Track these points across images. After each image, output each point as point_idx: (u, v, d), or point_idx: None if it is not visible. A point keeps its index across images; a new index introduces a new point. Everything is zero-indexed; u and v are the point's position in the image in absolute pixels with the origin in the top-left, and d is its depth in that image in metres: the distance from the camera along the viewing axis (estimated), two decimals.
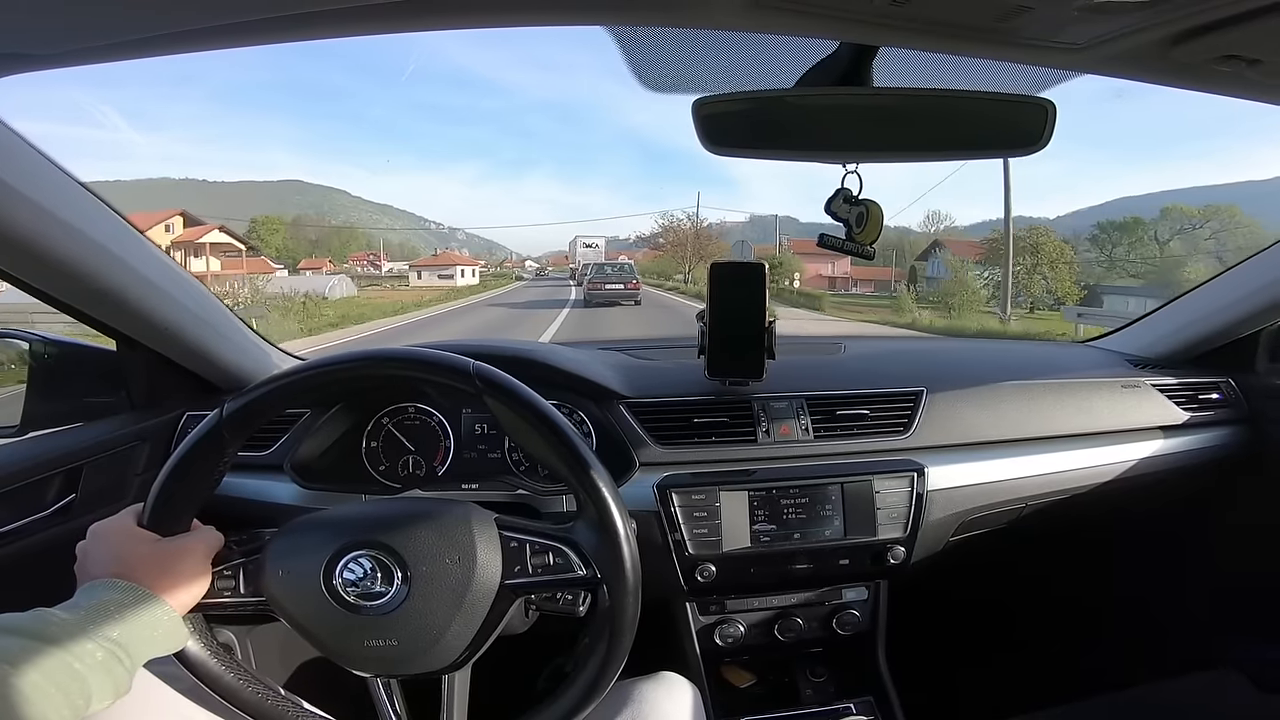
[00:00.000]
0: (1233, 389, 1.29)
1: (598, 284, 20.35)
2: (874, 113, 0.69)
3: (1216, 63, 0.59)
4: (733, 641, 1.09)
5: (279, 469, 1.02)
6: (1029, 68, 0.66)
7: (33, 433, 0.95)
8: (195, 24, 0.53)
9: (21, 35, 0.54)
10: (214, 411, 0.69)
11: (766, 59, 0.70)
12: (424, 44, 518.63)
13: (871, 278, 41.73)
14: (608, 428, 1.05)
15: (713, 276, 1.05)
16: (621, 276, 20.83)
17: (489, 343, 1.18)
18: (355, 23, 0.57)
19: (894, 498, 1.04)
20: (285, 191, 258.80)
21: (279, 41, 0.59)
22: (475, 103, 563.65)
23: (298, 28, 0.56)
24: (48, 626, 0.52)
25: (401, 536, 0.67)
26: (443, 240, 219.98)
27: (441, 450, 1.08)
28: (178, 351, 1.02)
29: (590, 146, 40.74)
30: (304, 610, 0.67)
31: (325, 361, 0.73)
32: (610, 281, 20.50)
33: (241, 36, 0.57)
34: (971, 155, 0.71)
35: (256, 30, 0.56)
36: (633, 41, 0.67)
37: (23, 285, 0.82)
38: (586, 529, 0.69)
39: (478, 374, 0.69)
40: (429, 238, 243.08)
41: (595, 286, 20.22)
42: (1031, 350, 1.69)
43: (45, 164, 0.75)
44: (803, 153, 0.72)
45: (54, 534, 0.90)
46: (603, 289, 20.06)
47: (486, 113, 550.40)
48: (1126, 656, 1.40)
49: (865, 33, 0.61)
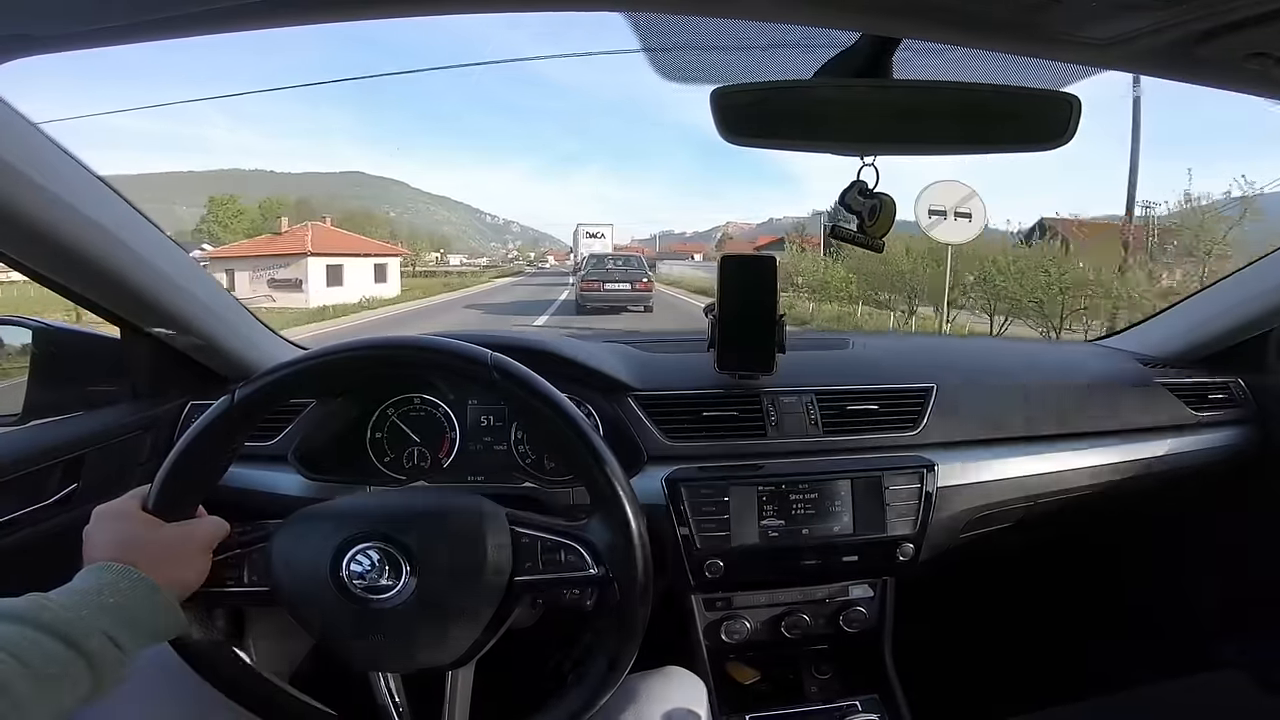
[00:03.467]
0: (1242, 389, 1.29)
1: (594, 284, 14.31)
2: (893, 105, 0.68)
3: (1243, 60, 0.59)
4: (739, 637, 1.09)
5: (283, 459, 1.02)
6: (1049, 63, 0.65)
7: (34, 421, 0.94)
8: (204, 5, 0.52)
9: (26, 16, 0.53)
10: (225, 397, 0.68)
11: (786, 49, 0.69)
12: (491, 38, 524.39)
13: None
14: (616, 420, 1.04)
15: (723, 269, 1.04)
16: (628, 273, 14.65)
17: (496, 333, 1.17)
18: (369, 5, 0.56)
19: (903, 494, 1.03)
20: (345, 183, 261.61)
21: (290, 24, 0.57)
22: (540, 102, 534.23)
23: (310, 10, 0.55)
24: (42, 612, 0.51)
25: (411, 529, 0.66)
26: (497, 232, 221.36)
27: (447, 442, 1.07)
28: (184, 339, 1.01)
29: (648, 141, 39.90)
30: (308, 602, 0.67)
31: (339, 348, 0.72)
32: (612, 280, 14.39)
33: (250, 20, 0.55)
34: (992, 149, 0.70)
35: (266, 13, 0.55)
36: (651, 30, 0.66)
37: (28, 271, 0.81)
38: (600, 527, 0.68)
39: (495, 365, 0.68)
40: (484, 229, 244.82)
41: (591, 286, 14.26)
42: (1040, 349, 1.69)
43: (52, 148, 0.74)
44: (821, 143, 0.70)
45: (56, 523, 0.90)
46: (600, 290, 14.13)
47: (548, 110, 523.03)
48: (1133, 655, 1.40)
49: (887, 24, 0.60)
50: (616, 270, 14.97)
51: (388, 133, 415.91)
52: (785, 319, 1.04)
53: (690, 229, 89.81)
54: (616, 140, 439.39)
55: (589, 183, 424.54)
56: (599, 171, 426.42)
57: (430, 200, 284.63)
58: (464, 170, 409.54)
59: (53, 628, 0.50)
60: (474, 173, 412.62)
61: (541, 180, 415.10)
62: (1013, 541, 1.17)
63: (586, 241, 36.92)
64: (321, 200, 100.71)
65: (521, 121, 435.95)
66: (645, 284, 14.46)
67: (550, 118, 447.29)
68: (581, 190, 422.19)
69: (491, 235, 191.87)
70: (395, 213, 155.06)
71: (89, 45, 0.56)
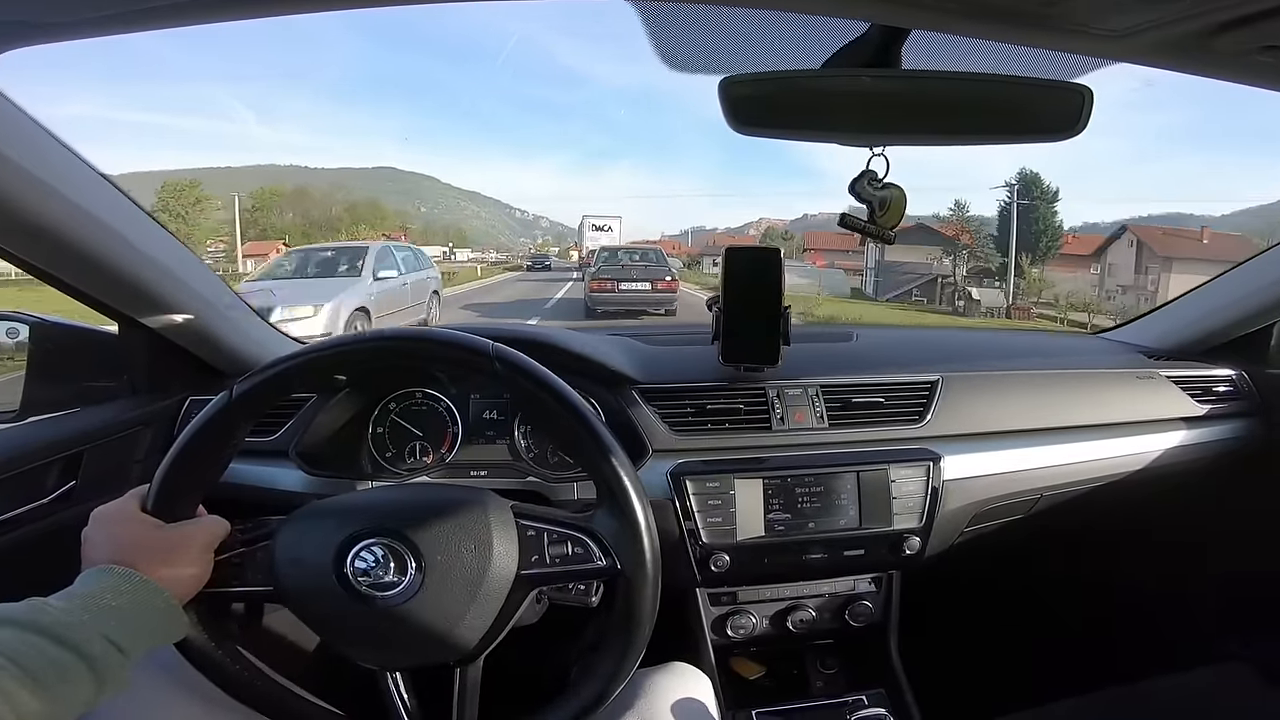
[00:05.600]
0: (1246, 382, 1.28)
1: (606, 283, 11.28)
2: (903, 95, 0.68)
3: (1257, 53, 0.58)
4: (744, 632, 1.08)
5: (284, 455, 1.01)
6: (1060, 54, 0.64)
7: (33, 417, 0.93)
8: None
9: (27, 3, 0.51)
10: (223, 393, 0.67)
11: (794, 39, 0.68)
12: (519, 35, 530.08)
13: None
14: (620, 413, 1.03)
15: (727, 261, 1.03)
16: (649, 271, 11.59)
17: (499, 325, 1.16)
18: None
19: (909, 487, 1.03)
20: (378, 178, 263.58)
21: (292, 12, 0.56)
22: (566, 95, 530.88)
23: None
24: (42, 616, 0.51)
25: (415, 524, 0.66)
26: (526, 228, 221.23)
27: (449, 437, 1.07)
28: (182, 334, 1.00)
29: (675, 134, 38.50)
30: (313, 600, 0.66)
31: (338, 341, 0.71)
32: (628, 279, 11.33)
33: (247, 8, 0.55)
34: (1003, 140, 0.69)
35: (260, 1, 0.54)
36: (658, 20, 0.65)
37: (25, 265, 0.80)
38: (607, 518, 0.68)
39: (498, 355, 0.68)
40: (514, 225, 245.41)
41: (603, 286, 11.24)
42: (1045, 341, 1.68)
43: (50, 141, 0.73)
44: (830, 134, 0.70)
45: (55, 520, 0.89)
46: (615, 291, 11.18)
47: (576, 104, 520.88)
48: (1137, 649, 1.40)
49: (898, 14, 0.59)
50: (635, 266, 11.87)
51: (417, 128, 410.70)
52: (790, 311, 1.03)
53: (722, 225, 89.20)
54: (645, 134, 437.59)
55: (619, 178, 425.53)
56: (629, 166, 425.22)
57: (461, 195, 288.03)
58: (495, 166, 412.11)
59: (53, 632, 0.50)
60: (505, 168, 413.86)
61: (571, 175, 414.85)
62: (1018, 535, 1.16)
63: (593, 234, 32.33)
64: (324, 190, 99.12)
65: (553, 117, 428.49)
66: (668, 283, 11.48)
67: (576, 112, 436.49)
68: (611, 185, 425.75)
69: (521, 231, 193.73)
70: (425, 208, 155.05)
71: (91, 34, 0.55)
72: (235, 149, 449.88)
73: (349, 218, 65.76)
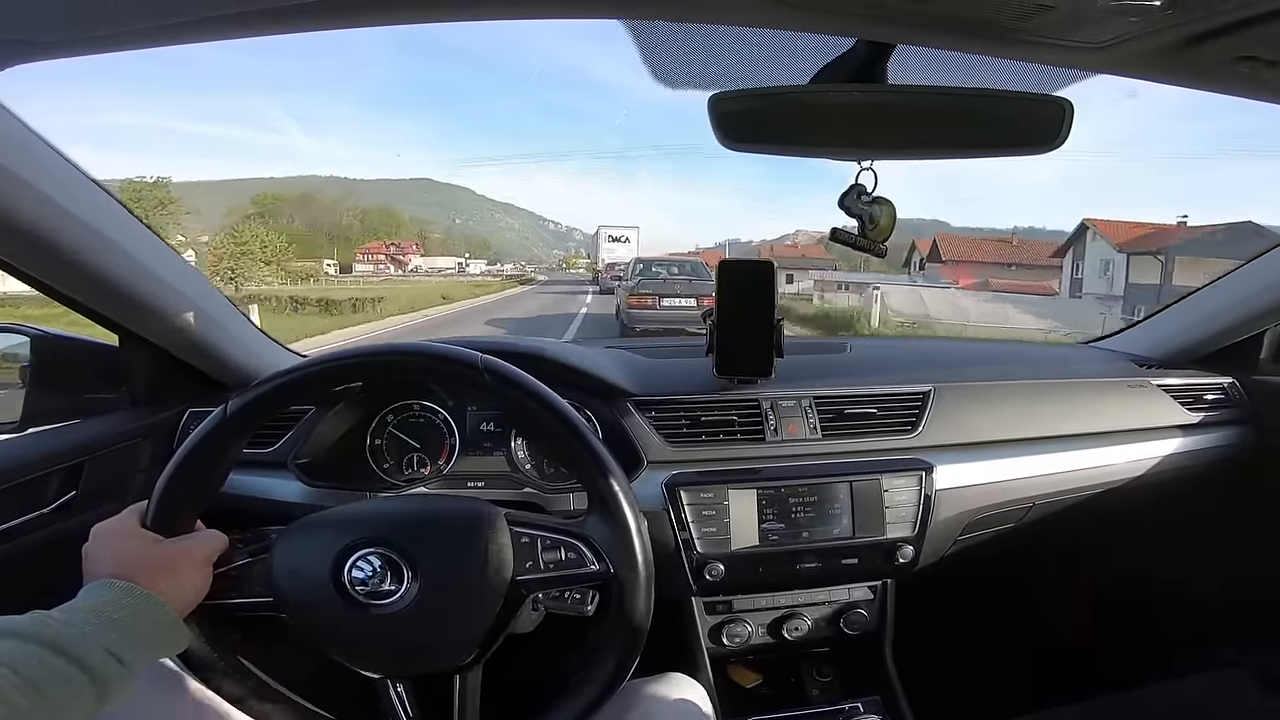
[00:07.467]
0: (1237, 390, 1.30)
1: (646, 298, 9.75)
2: (889, 110, 0.69)
3: (1234, 63, 0.59)
4: (740, 641, 1.09)
5: (283, 466, 1.02)
6: (1041, 67, 0.66)
7: (33, 429, 0.94)
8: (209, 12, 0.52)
9: (28, 21, 0.53)
10: (218, 409, 0.68)
11: (782, 55, 0.69)
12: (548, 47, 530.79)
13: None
14: (615, 425, 1.04)
15: (721, 274, 1.04)
16: (692, 286, 9.98)
17: (496, 340, 1.17)
18: (370, 12, 0.56)
19: (902, 497, 1.04)
20: (415, 189, 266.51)
21: (294, 31, 0.58)
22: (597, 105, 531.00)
23: (312, 17, 0.56)
24: (44, 628, 0.51)
25: (410, 534, 0.67)
26: (560, 239, 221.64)
27: (446, 448, 1.07)
28: (183, 347, 1.01)
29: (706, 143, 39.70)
30: (312, 610, 0.67)
31: (331, 356, 0.72)
32: (670, 294, 9.77)
33: (254, 26, 0.56)
34: (986, 153, 0.71)
35: (270, 20, 0.55)
36: (648, 36, 0.67)
37: (26, 278, 0.81)
38: (599, 523, 0.69)
39: (486, 367, 0.69)
40: (547, 236, 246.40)
41: (642, 303, 9.70)
42: (1037, 350, 1.69)
43: (51, 155, 0.74)
44: (818, 149, 0.71)
45: (55, 531, 0.89)
46: (656, 308, 9.60)
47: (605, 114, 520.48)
48: (1132, 656, 1.41)
49: (882, 30, 0.61)
50: (675, 280, 10.54)
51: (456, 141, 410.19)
52: (783, 323, 1.05)
53: (758, 236, 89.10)
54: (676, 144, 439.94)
55: (653, 189, 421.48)
56: (659, 176, 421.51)
57: (495, 207, 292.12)
58: (529, 178, 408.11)
59: (54, 643, 0.50)
60: (538, 180, 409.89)
61: (601, 185, 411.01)
62: (1011, 543, 1.17)
63: (608, 246, 30.24)
64: (335, 196, 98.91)
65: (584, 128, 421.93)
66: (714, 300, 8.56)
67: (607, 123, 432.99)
68: (645, 194, 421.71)
69: (554, 242, 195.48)
70: (460, 219, 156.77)
71: (92, 51, 0.57)
72: (281, 159, 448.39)
73: (360, 225, 62.62)
